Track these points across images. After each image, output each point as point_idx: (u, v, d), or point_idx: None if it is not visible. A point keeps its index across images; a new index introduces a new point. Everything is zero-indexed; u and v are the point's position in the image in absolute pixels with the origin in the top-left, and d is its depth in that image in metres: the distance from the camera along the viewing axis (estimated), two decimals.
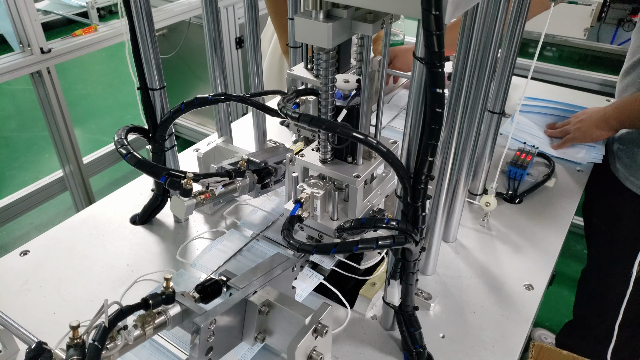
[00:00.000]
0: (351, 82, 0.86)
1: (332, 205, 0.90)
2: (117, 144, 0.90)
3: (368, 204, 0.94)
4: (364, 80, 0.82)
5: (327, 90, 0.81)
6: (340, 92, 0.86)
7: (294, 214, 0.85)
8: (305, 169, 0.93)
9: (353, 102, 0.85)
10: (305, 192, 0.87)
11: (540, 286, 1.03)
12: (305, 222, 0.90)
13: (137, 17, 0.93)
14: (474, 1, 0.67)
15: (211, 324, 0.71)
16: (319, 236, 0.93)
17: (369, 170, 0.89)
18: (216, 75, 1.16)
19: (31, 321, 0.94)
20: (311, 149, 0.92)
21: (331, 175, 0.89)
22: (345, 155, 0.90)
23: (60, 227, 1.17)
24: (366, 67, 0.80)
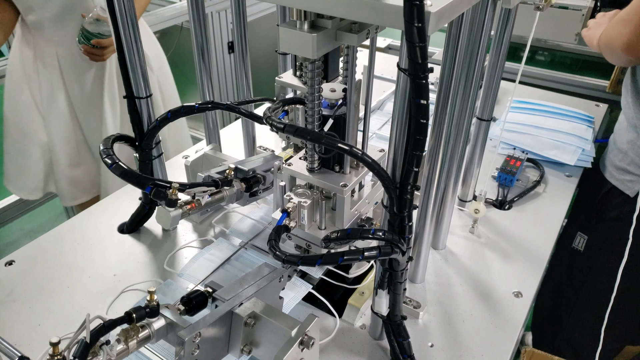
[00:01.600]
0: (337, 91, 0.86)
1: (319, 214, 0.89)
2: (102, 153, 0.89)
3: (356, 212, 0.94)
4: (350, 90, 0.81)
5: (313, 100, 0.81)
6: (327, 101, 0.86)
7: (281, 224, 0.84)
8: (293, 178, 0.92)
9: (339, 112, 0.85)
10: (293, 202, 0.87)
11: (529, 293, 1.03)
12: (293, 231, 0.90)
13: (123, 26, 0.92)
14: (457, 12, 0.66)
15: (196, 337, 0.70)
16: (307, 245, 0.93)
17: (356, 179, 0.88)
18: (204, 83, 1.15)
19: (15, 333, 0.93)
20: (299, 158, 0.92)
21: (318, 185, 0.89)
22: (333, 164, 0.89)
23: (47, 237, 1.16)
24: (352, 76, 0.80)
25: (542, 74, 2.48)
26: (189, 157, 1.19)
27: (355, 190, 0.96)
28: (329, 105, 0.86)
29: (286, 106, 0.90)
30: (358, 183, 0.92)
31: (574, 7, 2.41)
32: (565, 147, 1.43)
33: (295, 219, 0.88)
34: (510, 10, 0.98)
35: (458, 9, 0.66)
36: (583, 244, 1.42)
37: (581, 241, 1.42)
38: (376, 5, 0.62)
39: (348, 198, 0.88)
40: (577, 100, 1.80)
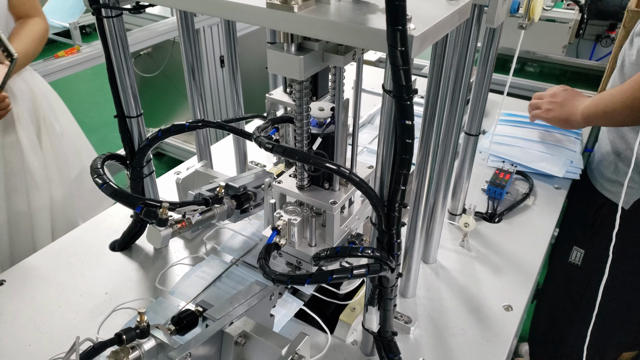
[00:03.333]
0: (326, 110, 0.87)
1: (309, 231, 0.90)
2: (93, 173, 0.89)
3: (346, 229, 0.94)
4: (338, 109, 0.82)
5: (302, 119, 0.82)
6: (315, 120, 0.87)
7: (271, 242, 0.85)
8: (283, 195, 0.93)
9: (328, 130, 0.86)
10: (283, 219, 0.87)
11: (520, 306, 1.03)
12: (284, 248, 0.90)
13: (113, 45, 0.93)
14: (441, 34, 0.68)
15: (186, 357, 0.71)
16: (297, 262, 0.93)
17: (345, 196, 0.89)
18: (195, 101, 1.16)
19: (5, 353, 0.93)
20: (288, 175, 0.92)
21: (308, 202, 0.89)
22: (322, 181, 0.90)
23: (38, 255, 1.15)
24: (339, 96, 0.81)
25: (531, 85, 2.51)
26: (180, 173, 1.20)
27: (346, 206, 0.97)
28: (317, 124, 0.87)
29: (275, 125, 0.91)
30: (348, 200, 0.93)
31: (561, 20, 2.45)
32: (553, 160, 1.44)
33: (285, 236, 0.89)
34: (495, 30, 1.00)
35: (441, 31, 0.67)
36: (580, 258, 1.42)
37: (578, 255, 1.43)
38: (361, 29, 0.63)
39: (338, 215, 0.89)
40: None
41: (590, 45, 3.00)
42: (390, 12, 0.56)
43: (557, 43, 2.49)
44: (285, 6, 0.66)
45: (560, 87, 1.41)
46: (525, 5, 0.89)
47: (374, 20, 0.64)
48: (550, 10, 2.53)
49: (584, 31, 2.72)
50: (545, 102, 1.40)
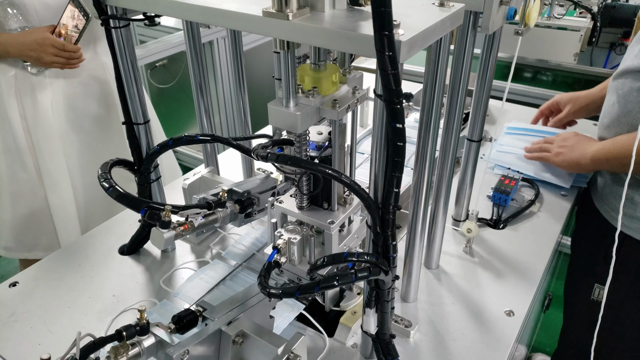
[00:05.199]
0: (324, 134, 0.90)
1: (309, 249, 0.92)
2: (100, 177, 0.93)
3: (345, 247, 0.96)
4: (335, 135, 0.86)
5: (300, 146, 0.86)
6: (314, 143, 0.90)
7: (270, 260, 0.87)
8: (284, 215, 0.96)
9: (326, 153, 0.89)
10: (283, 239, 0.90)
11: (521, 312, 1.03)
12: (284, 266, 0.93)
13: (120, 54, 0.97)
14: (430, 40, 0.69)
15: (184, 354, 0.73)
16: (297, 279, 0.95)
17: (343, 216, 0.91)
18: (202, 117, 1.21)
19: (16, 353, 0.96)
20: (289, 195, 0.95)
21: (307, 222, 0.92)
22: (321, 201, 0.93)
23: (50, 259, 1.19)
24: (337, 124, 0.84)
25: (544, 93, 2.50)
26: (187, 179, 1.23)
27: (345, 225, 0.99)
28: (316, 147, 0.91)
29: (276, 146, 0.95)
30: (347, 219, 0.95)
31: (573, 28, 2.44)
32: (560, 170, 1.43)
33: (286, 254, 0.91)
34: (494, 33, 1.01)
35: (431, 37, 0.69)
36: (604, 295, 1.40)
37: (602, 293, 1.40)
38: (351, 35, 0.65)
39: (336, 234, 0.91)
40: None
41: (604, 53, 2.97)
42: (376, 19, 0.58)
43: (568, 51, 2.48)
44: (280, 14, 0.69)
45: (571, 133, 1.43)
46: (521, 11, 0.90)
47: (364, 27, 0.66)
48: (562, 18, 2.52)
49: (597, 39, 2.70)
50: (556, 146, 1.41)
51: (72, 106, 1.58)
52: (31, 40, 1.43)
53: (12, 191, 1.58)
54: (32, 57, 1.45)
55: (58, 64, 1.47)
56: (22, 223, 1.63)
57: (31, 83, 1.51)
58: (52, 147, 1.56)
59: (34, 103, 1.52)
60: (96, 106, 1.62)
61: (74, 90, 1.57)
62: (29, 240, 1.66)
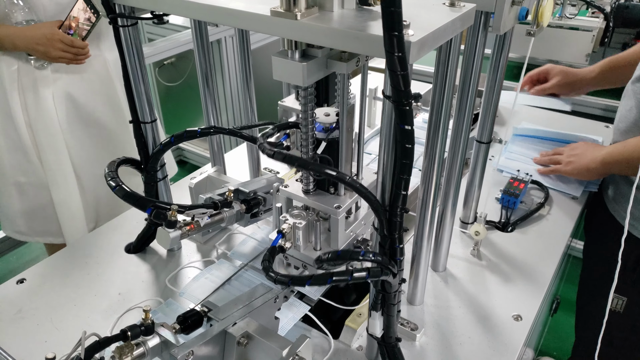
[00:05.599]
0: (331, 115, 0.88)
1: (314, 235, 0.91)
2: (107, 176, 0.93)
3: (351, 234, 0.95)
4: (342, 115, 0.84)
5: (307, 125, 0.84)
6: (321, 125, 0.89)
7: (275, 245, 0.86)
8: (290, 199, 0.94)
9: (333, 135, 0.87)
10: (288, 223, 0.89)
11: (529, 317, 1.02)
12: (289, 252, 0.91)
13: (128, 53, 0.96)
14: (440, 41, 0.68)
15: (188, 355, 0.72)
16: (302, 266, 0.94)
17: (350, 201, 0.90)
18: (208, 109, 1.20)
19: (23, 350, 0.96)
20: (295, 180, 0.94)
21: (313, 206, 0.91)
22: (328, 186, 0.91)
23: (57, 256, 1.20)
24: (344, 101, 0.82)
25: None
26: (194, 179, 1.22)
27: (352, 211, 0.97)
28: (323, 129, 0.89)
29: (281, 131, 0.93)
30: (353, 204, 0.94)
31: (585, 28, 2.41)
32: (570, 179, 1.42)
33: (290, 239, 0.90)
34: (505, 34, 0.99)
35: (441, 38, 0.68)
36: (622, 305, 1.38)
37: (619, 303, 1.39)
38: (360, 36, 0.64)
39: (342, 219, 0.89)
40: (586, 121, 1.79)
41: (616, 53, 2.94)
42: (386, 19, 0.57)
43: (580, 52, 2.45)
44: (288, 14, 0.68)
45: (580, 142, 1.44)
46: (534, 11, 0.89)
47: (374, 27, 0.65)
48: (574, 18, 2.49)
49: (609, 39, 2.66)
50: (565, 156, 1.41)
51: (74, 102, 1.58)
52: (40, 34, 1.43)
53: (17, 182, 1.59)
54: (39, 51, 1.44)
55: (65, 59, 1.47)
56: (30, 211, 1.64)
57: (34, 77, 1.51)
58: (54, 141, 1.56)
59: (36, 97, 1.52)
60: (99, 103, 1.62)
61: (76, 86, 1.57)
62: (40, 226, 1.67)
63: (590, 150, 1.36)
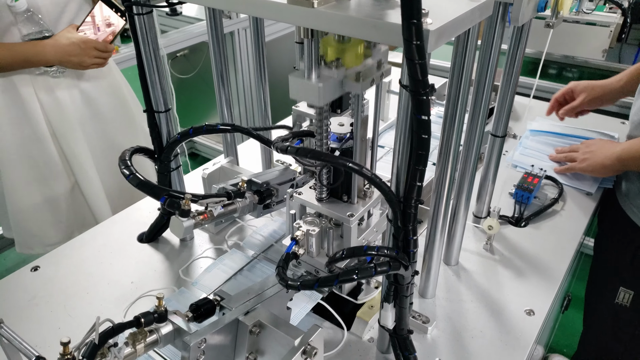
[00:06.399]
0: (346, 125, 0.89)
1: (327, 242, 0.91)
2: (121, 164, 0.93)
3: (364, 241, 0.95)
4: (357, 125, 0.84)
5: (321, 136, 0.85)
6: (335, 134, 0.89)
7: (289, 252, 0.86)
8: (303, 207, 0.95)
9: (347, 145, 0.88)
10: (301, 230, 0.89)
11: (542, 311, 1.01)
12: (302, 258, 0.92)
13: (143, 42, 0.96)
14: (459, 30, 0.68)
15: (201, 342, 0.73)
16: (315, 271, 0.95)
17: (363, 209, 0.90)
18: (223, 107, 1.20)
19: (36, 336, 0.97)
20: (309, 187, 0.94)
21: (326, 214, 0.91)
22: (341, 194, 0.91)
23: (71, 244, 1.21)
24: (358, 114, 0.83)
25: None
26: (207, 169, 1.23)
27: (364, 218, 0.97)
28: (337, 138, 0.89)
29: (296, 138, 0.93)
30: (366, 212, 0.94)
31: (602, 24, 2.38)
32: (584, 176, 1.40)
33: (304, 246, 0.90)
34: (522, 26, 0.98)
35: (460, 27, 0.67)
36: (629, 299, 1.37)
37: (626, 297, 1.38)
38: (378, 24, 0.64)
39: (355, 227, 0.90)
40: (602, 117, 1.77)
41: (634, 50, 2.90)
42: (405, 7, 0.57)
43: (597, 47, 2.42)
44: (305, 2, 0.68)
45: (595, 139, 1.43)
46: (553, 2, 0.87)
47: (392, 15, 0.65)
48: (591, 13, 2.46)
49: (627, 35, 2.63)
50: (580, 153, 1.40)
51: (88, 99, 1.59)
52: (70, 44, 1.41)
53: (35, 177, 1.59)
54: (72, 62, 1.44)
55: (97, 65, 1.48)
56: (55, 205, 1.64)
57: (49, 84, 1.49)
58: (75, 134, 1.57)
59: (54, 100, 1.51)
60: (107, 98, 1.64)
61: (86, 85, 1.58)
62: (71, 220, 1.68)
63: (605, 147, 1.35)
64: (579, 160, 1.38)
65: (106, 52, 1.48)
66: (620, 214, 1.32)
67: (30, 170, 1.56)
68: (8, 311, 1.02)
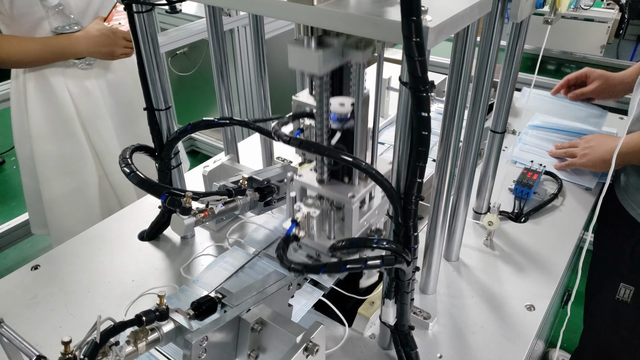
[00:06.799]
0: (346, 105, 0.88)
1: (328, 224, 0.91)
2: (121, 162, 0.93)
3: (365, 223, 0.95)
4: (357, 104, 0.83)
5: (321, 114, 0.83)
6: (335, 114, 0.88)
7: (289, 234, 0.86)
8: (304, 189, 0.94)
9: (348, 125, 0.87)
10: (302, 212, 0.89)
11: (542, 307, 1.02)
12: (303, 240, 0.91)
13: (143, 39, 0.96)
14: (459, 27, 0.68)
15: (203, 340, 0.73)
16: (316, 254, 0.94)
17: (364, 190, 0.89)
18: (223, 104, 1.20)
19: (37, 335, 0.97)
20: (309, 169, 0.94)
21: (327, 195, 0.90)
22: (342, 175, 0.91)
23: (71, 242, 1.21)
24: (359, 91, 0.82)
25: None
26: (207, 167, 1.23)
27: (366, 201, 0.97)
28: (338, 119, 0.88)
29: (296, 120, 0.93)
30: (367, 194, 0.94)
31: (600, 20, 2.38)
32: (584, 171, 1.40)
33: (304, 228, 0.90)
34: (521, 23, 0.98)
35: (459, 23, 0.67)
36: (630, 295, 1.38)
37: (627, 292, 1.38)
38: (378, 21, 0.64)
39: (356, 209, 0.89)
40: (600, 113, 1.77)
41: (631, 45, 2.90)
42: (404, 3, 0.57)
43: (595, 43, 2.41)
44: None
45: (594, 134, 1.42)
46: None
47: (391, 12, 0.65)
48: (589, 9, 2.46)
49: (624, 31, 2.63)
50: (580, 148, 1.40)
51: (115, 89, 1.64)
52: (101, 35, 1.45)
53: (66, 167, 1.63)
54: (102, 52, 1.48)
55: (126, 55, 1.52)
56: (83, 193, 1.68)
57: (78, 76, 1.55)
58: (103, 124, 1.63)
59: (84, 91, 1.56)
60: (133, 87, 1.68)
61: (112, 75, 1.63)
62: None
63: (605, 142, 1.35)
64: (579, 156, 1.38)
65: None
66: (618, 209, 1.32)
67: (61, 161, 1.60)
68: (8, 310, 1.02)
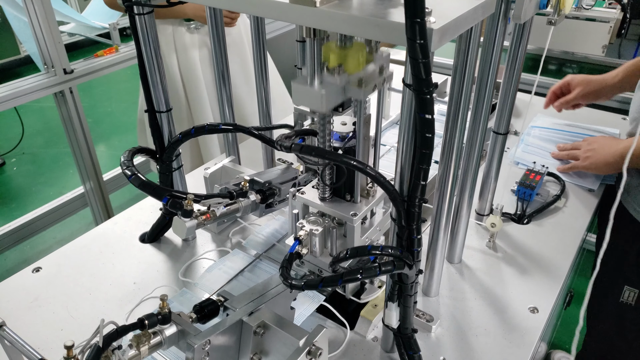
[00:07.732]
0: (348, 124, 0.89)
1: (330, 241, 0.91)
2: (122, 165, 0.93)
3: (367, 240, 0.95)
4: (359, 125, 0.84)
5: (324, 135, 0.84)
6: (337, 134, 0.89)
7: (292, 252, 0.86)
8: (306, 206, 0.95)
9: (349, 144, 0.88)
10: (305, 230, 0.89)
11: (546, 309, 1.01)
12: (305, 257, 0.92)
13: (144, 42, 0.96)
14: (462, 28, 0.67)
15: (205, 344, 0.72)
16: (318, 271, 0.94)
17: (366, 208, 0.90)
18: (224, 105, 1.20)
19: (39, 337, 0.97)
20: (311, 187, 0.94)
21: (329, 213, 0.91)
22: (344, 193, 0.91)
23: (72, 245, 1.20)
24: (361, 113, 0.82)
25: None
26: (208, 169, 1.22)
27: (367, 217, 0.97)
28: (340, 137, 0.89)
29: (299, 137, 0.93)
30: (369, 211, 0.94)
31: (602, 19, 2.38)
32: (586, 173, 1.40)
33: (307, 245, 0.90)
34: (524, 23, 0.98)
35: (463, 25, 0.67)
36: (634, 297, 1.37)
37: (631, 295, 1.38)
38: (381, 23, 0.63)
39: (358, 226, 0.89)
40: (603, 113, 1.76)
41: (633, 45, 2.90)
42: (408, 5, 0.56)
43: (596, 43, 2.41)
44: (307, 1, 0.67)
45: (597, 136, 1.41)
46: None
47: (395, 14, 0.64)
48: (591, 9, 2.46)
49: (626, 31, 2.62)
50: (583, 151, 1.39)
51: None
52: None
53: None
54: (204, 16, 1.61)
55: (226, 24, 1.64)
56: None
57: (184, 41, 1.70)
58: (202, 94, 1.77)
59: (187, 58, 1.72)
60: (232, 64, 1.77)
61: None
62: None
63: (608, 144, 1.34)
64: (582, 159, 1.37)
65: (232, 12, 1.65)
66: (622, 212, 1.32)
67: None
68: (10, 313, 1.02)
